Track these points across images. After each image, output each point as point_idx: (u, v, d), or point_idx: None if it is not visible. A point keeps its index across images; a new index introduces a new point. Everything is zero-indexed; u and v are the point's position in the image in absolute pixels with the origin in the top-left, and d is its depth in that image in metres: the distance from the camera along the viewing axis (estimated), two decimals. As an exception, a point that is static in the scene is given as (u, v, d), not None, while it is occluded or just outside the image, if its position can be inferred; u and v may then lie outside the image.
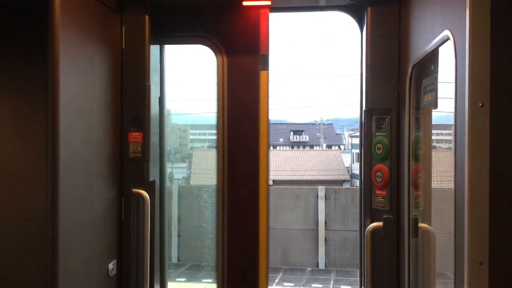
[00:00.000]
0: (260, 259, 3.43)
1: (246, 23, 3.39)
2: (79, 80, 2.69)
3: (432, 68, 2.53)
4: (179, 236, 14.97)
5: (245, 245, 3.40)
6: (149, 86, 3.23)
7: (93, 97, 2.87)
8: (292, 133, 74.43)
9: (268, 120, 3.50)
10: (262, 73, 3.45)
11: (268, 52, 3.48)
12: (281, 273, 13.39)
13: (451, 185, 1.92)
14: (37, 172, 2.50)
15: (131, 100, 3.22)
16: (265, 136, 3.48)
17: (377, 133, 3.09)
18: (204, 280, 11.43)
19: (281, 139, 72.31)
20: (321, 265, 14.63)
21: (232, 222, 3.36)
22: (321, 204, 14.75)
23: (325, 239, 14.70)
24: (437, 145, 2.96)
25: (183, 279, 11.60)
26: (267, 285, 3.46)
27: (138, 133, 3.21)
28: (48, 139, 2.43)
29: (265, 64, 3.46)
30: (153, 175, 3.35)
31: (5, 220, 2.54)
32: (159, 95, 3.51)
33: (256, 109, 3.44)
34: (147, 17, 3.23)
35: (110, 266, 3.05)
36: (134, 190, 3.23)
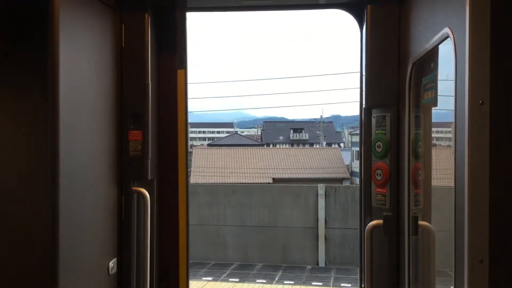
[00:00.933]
0: (180, 256, 3.49)
1: (163, 23, 3.37)
2: (79, 78, 2.69)
3: (432, 66, 2.53)
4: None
5: (166, 243, 3.43)
6: (148, 84, 3.23)
7: (93, 95, 2.87)
8: (292, 131, 74.66)
9: (186, 118, 3.53)
10: (179, 71, 3.48)
11: (186, 51, 3.51)
12: (281, 271, 13.39)
13: (450, 183, 1.92)
14: (37, 170, 2.50)
15: (131, 98, 3.22)
16: (183, 135, 3.50)
17: (377, 131, 3.09)
18: (204, 278, 11.44)
19: (281, 137, 72.53)
20: (321, 263, 14.63)
21: (152, 220, 3.35)
22: (321, 202, 14.75)
23: (325, 237, 14.70)
24: (437, 142, 2.96)
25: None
26: (187, 280, 3.54)
27: (138, 131, 3.21)
28: (48, 138, 2.43)
29: (182, 63, 3.48)
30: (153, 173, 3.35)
31: (4, 218, 2.54)
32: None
33: (174, 107, 3.45)
34: (146, 15, 3.23)
35: (111, 264, 3.05)
36: (134, 188, 3.23)
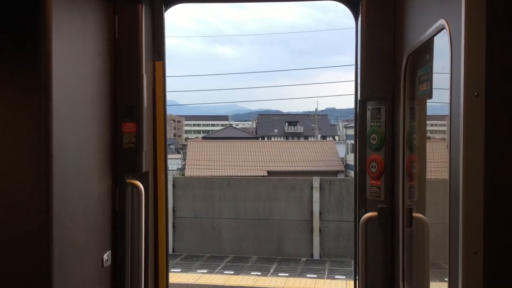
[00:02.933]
0: (160, 247, 3.51)
1: (141, 15, 3.28)
2: (72, 69, 2.66)
3: (427, 58, 2.53)
4: (174, 227, 15.01)
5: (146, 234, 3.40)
6: (142, 76, 3.20)
7: (86, 86, 2.84)
8: (286, 124, 74.76)
9: (165, 110, 3.51)
10: (157, 63, 3.46)
11: (163, 43, 3.49)
12: (275, 264, 13.45)
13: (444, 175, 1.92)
14: (29, 163, 2.48)
15: (125, 90, 3.20)
16: (161, 127, 3.49)
17: (372, 124, 3.09)
18: (199, 271, 11.47)
19: (276, 130, 72.63)
20: (316, 256, 14.70)
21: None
22: (316, 195, 14.80)
23: (320, 230, 14.76)
24: (432, 135, 2.96)
25: (178, 270, 11.63)
26: (167, 271, 3.57)
27: (132, 124, 3.19)
28: (41, 129, 2.40)
29: (160, 55, 3.47)
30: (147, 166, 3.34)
31: None
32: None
33: (152, 99, 3.43)
34: (140, 5, 3.20)
35: (105, 257, 3.04)
36: (128, 180, 3.21)
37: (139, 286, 3.22)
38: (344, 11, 3.43)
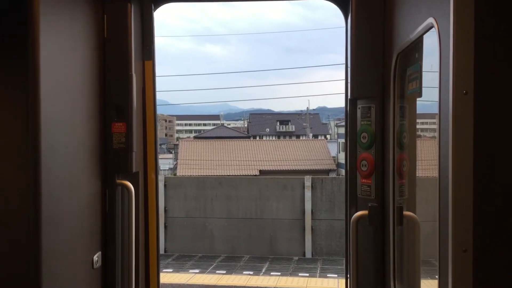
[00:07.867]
0: (150, 247, 3.51)
1: (130, 15, 3.27)
2: (60, 69, 2.64)
3: (417, 56, 2.53)
4: (166, 226, 14.97)
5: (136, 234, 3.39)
6: (132, 76, 3.19)
7: (75, 86, 2.82)
8: (278, 123, 74.87)
9: (155, 109, 3.51)
10: (147, 63, 3.46)
11: (152, 42, 3.49)
12: (268, 263, 13.45)
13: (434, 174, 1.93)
14: (18, 163, 2.46)
15: (114, 90, 3.18)
16: (152, 127, 3.48)
17: (362, 122, 3.09)
18: (191, 271, 11.44)
19: (268, 129, 72.69)
20: (308, 254, 14.73)
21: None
22: (308, 194, 14.82)
23: (312, 229, 14.78)
24: (422, 133, 2.97)
25: (170, 270, 11.60)
26: (158, 271, 3.58)
27: (121, 124, 3.17)
28: (29, 130, 2.38)
29: (149, 54, 3.47)
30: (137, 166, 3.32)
31: None
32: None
33: (142, 99, 3.42)
34: (129, 5, 3.18)
35: (95, 258, 3.02)
36: (118, 181, 3.20)
37: (130, 287, 3.20)
38: (334, 10, 3.43)
